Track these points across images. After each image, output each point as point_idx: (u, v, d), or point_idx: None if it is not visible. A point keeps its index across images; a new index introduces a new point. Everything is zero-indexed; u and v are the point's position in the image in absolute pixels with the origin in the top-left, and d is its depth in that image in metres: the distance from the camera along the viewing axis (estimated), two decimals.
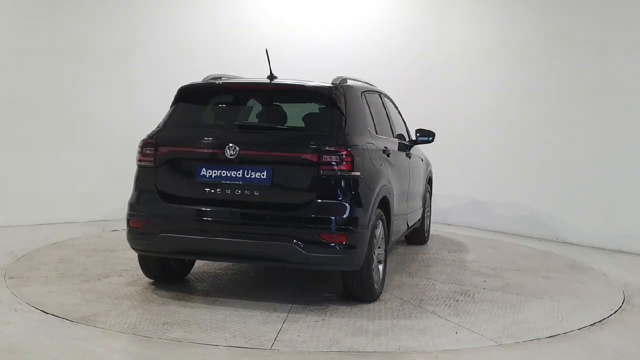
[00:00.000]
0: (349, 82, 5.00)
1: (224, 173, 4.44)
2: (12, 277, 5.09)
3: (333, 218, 4.32)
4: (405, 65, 9.40)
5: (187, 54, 8.51)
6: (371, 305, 4.67)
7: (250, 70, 5.27)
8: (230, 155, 4.40)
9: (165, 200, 4.57)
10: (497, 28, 8.74)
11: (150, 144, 4.65)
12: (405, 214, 5.86)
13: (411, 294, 5.05)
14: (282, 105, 5.07)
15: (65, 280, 5.08)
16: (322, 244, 4.31)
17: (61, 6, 7.79)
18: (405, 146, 6.13)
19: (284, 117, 4.95)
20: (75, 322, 4.06)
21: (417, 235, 7.15)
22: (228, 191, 4.43)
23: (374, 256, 4.71)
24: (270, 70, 4.90)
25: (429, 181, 7.39)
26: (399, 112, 6.55)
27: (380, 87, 6.21)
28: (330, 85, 4.78)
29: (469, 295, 5.06)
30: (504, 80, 8.62)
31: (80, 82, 7.91)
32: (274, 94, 5.03)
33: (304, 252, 4.27)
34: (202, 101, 4.97)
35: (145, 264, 4.99)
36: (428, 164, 7.29)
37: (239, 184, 4.41)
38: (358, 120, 4.78)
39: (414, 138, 6.45)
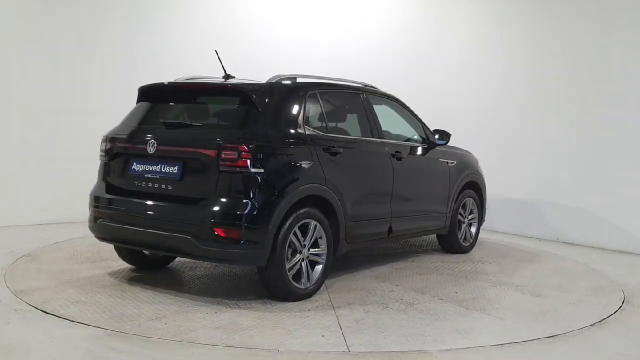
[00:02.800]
0: (287, 81, 5.01)
1: (146, 167, 4.79)
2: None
3: (227, 214, 4.41)
4: (406, 65, 9.40)
5: (187, 56, 8.50)
6: (287, 304, 4.64)
7: (245, 71, 5.32)
8: (150, 150, 4.72)
9: (107, 191, 5.01)
10: (499, 27, 8.73)
11: (104, 141, 5.12)
12: (384, 217, 5.62)
13: (348, 298, 4.89)
14: (208, 103, 5.15)
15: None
16: (217, 238, 4.41)
17: (56, 7, 7.80)
18: (405, 147, 5.94)
19: (204, 114, 5.05)
20: (75, 322, 4.07)
21: (449, 242, 6.73)
22: (150, 184, 4.75)
23: (300, 254, 4.73)
24: (224, 70, 5.17)
25: (470, 186, 6.86)
26: (412, 114, 6.29)
27: (382, 89, 6.15)
28: (251, 83, 4.88)
29: (410, 305, 4.77)
30: (504, 81, 8.61)
31: (80, 83, 7.91)
32: (202, 93, 5.15)
33: (200, 245, 4.43)
34: (152, 100, 5.23)
35: (117, 250, 5.42)
36: (464, 168, 6.73)
37: (157, 178, 4.72)
38: (281, 119, 4.80)
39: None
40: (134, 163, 4.86)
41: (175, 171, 4.63)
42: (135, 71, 7.96)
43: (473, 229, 7.00)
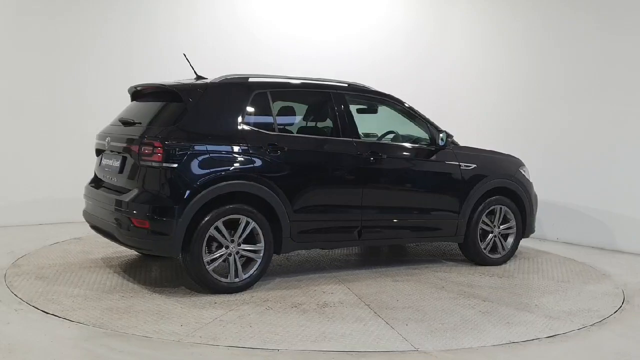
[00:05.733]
0: (230, 81, 5.19)
1: (106, 162, 5.38)
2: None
3: (139, 205, 4.72)
4: (406, 65, 9.39)
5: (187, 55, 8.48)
6: (200, 295, 4.78)
7: (245, 71, 5.33)
8: (106, 146, 5.29)
9: (90, 182, 5.61)
10: (499, 27, 8.74)
11: (96, 138, 5.66)
12: (350, 218, 5.42)
13: (273, 296, 4.83)
14: (156, 102, 5.32)
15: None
16: (132, 228, 4.74)
17: (56, 7, 7.80)
18: (390, 148, 5.74)
19: (149, 113, 5.20)
20: (75, 322, 4.07)
21: (469, 252, 6.18)
22: (107, 176, 5.32)
23: (225, 249, 4.82)
24: (195, 71, 5.47)
25: (502, 192, 6.26)
26: (416, 115, 6.03)
27: (380, 90, 6.07)
28: (187, 84, 5.15)
29: (321, 307, 4.60)
30: (504, 81, 8.61)
31: (81, 83, 7.91)
32: (152, 93, 5.44)
33: (122, 233, 4.83)
34: (132, 99, 5.72)
35: None
36: (488, 173, 6.15)
37: (109, 171, 5.27)
38: (212, 117, 5.01)
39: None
40: (103, 158, 5.46)
41: (118, 165, 5.09)
42: (135, 71, 7.96)
43: (510, 240, 6.38)
